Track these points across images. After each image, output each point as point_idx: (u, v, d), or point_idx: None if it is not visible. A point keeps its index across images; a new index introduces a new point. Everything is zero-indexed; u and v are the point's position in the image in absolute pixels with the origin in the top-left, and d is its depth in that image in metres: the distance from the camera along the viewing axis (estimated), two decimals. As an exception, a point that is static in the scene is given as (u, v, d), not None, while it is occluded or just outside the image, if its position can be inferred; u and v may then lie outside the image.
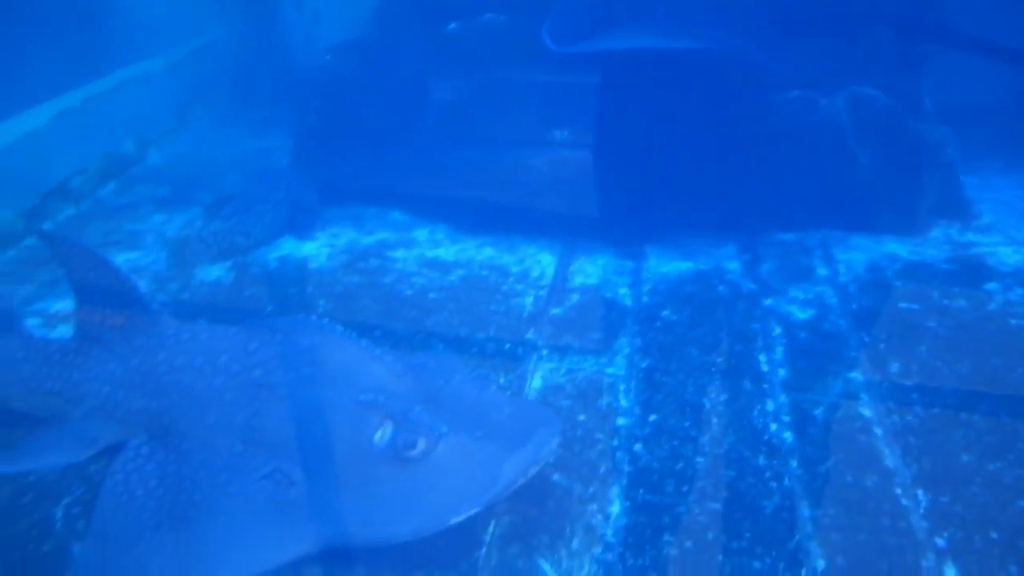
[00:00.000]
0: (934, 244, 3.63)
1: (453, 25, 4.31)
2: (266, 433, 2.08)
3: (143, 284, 3.22)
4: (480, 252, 3.67)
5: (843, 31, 3.95)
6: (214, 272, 3.40)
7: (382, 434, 2.03)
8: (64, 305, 3.15)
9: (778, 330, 3.04)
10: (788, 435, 2.49)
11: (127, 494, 2.05)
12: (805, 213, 3.82)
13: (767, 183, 3.81)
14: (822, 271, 3.47)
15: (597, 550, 2.07)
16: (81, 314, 2.41)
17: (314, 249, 3.62)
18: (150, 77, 4.58)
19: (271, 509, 1.99)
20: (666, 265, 3.55)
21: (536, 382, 2.76)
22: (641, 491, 2.27)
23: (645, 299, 3.28)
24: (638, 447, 2.44)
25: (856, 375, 2.74)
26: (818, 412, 2.58)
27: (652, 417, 2.57)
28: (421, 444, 2.01)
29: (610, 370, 2.82)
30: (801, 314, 3.14)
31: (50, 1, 3.83)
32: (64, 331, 2.87)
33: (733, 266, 3.52)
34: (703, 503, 2.21)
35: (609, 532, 2.12)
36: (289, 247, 3.61)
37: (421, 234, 3.81)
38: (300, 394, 2.12)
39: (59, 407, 2.38)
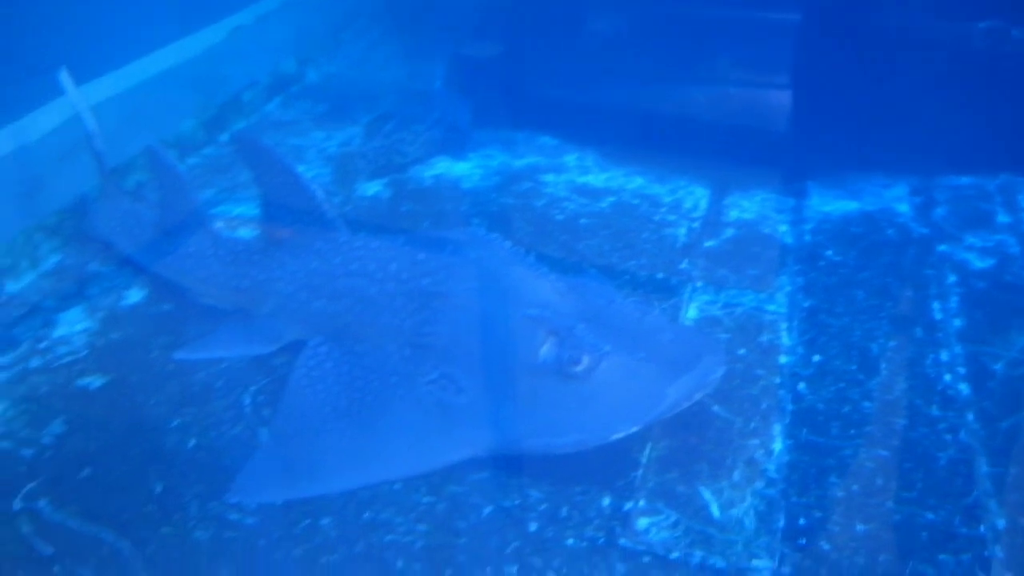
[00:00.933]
0: None
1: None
2: (434, 339, 2.13)
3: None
4: (630, 181, 3.59)
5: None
6: (373, 187, 3.48)
7: (547, 349, 2.04)
8: (243, 210, 3.31)
9: (953, 278, 2.85)
10: (964, 387, 2.34)
11: (309, 388, 2.16)
12: (985, 155, 3.53)
13: (944, 121, 3.54)
14: (1003, 218, 3.21)
15: (759, 484, 2.03)
16: (265, 216, 2.53)
17: (467, 169, 3.64)
18: (310, -2, 4.69)
19: (438, 412, 2.05)
20: (829, 204, 3.37)
21: (692, 312, 2.70)
22: (805, 431, 2.19)
23: (807, 238, 3.13)
24: (802, 386, 2.36)
25: (1043, 331, 2.54)
26: (998, 367, 2.41)
27: (816, 358, 2.47)
28: (585, 361, 2.01)
29: (770, 307, 2.72)
30: (979, 263, 2.93)
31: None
32: (243, 233, 3.02)
33: (903, 208, 3.31)
34: (871, 449, 2.12)
35: (772, 468, 2.07)
36: (443, 166, 3.65)
37: (570, 159, 3.77)
38: (468, 304, 2.15)
39: (245, 303, 2.53)
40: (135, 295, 2.83)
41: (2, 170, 2.82)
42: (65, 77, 2.84)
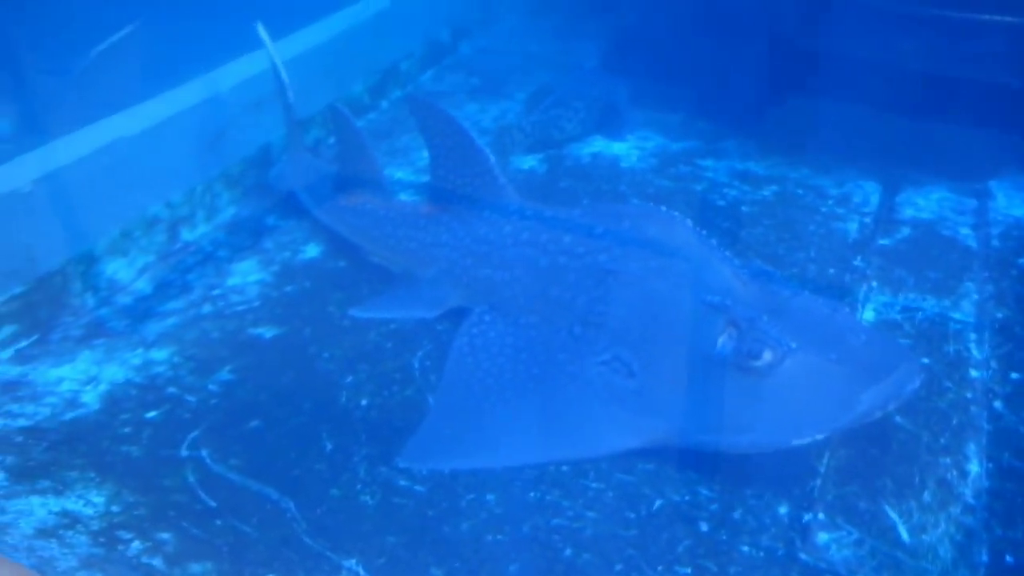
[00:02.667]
0: None
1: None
2: (608, 319, 2.05)
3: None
4: (794, 169, 3.40)
5: None
6: (529, 161, 3.42)
7: (726, 339, 1.93)
8: (404, 175, 3.32)
9: None
10: None
11: (472, 357, 2.13)
12: None
13: None
14: None
15: (955, 510, 1.86)
16: (435, 179, 2.51)
17: (624, 150, 3.53)
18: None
19: (608, 396, 1.98)
20: (1019, 208, 3.09)
21: (868, 314, 2.52)
22: (1007, 455, 2.00)
23: (995, 243, 2.88)
24: (998, 404, 2.16)
25: None
26: None
27: (1014, 375, 2.26)
28: (767, 356, 1.88)
29: (956, 315, 2.51)
30: None
31: None
32: (407, 196, 3.04)
33: (1109, 218, 2.99)
34: (1087, 482, 1.91)
35: (968, 492, 1.90)
36: (600, 145, 3.56)
37: (730, 145, 3.60)
38: (645, 285, 2.06)
39: (412, 265, 2.52)
40: (311, 250, 2.86)
41: (190, 120, 2.91)
42: (262, 29, 2.92)
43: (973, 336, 2.42)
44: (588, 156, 3.46)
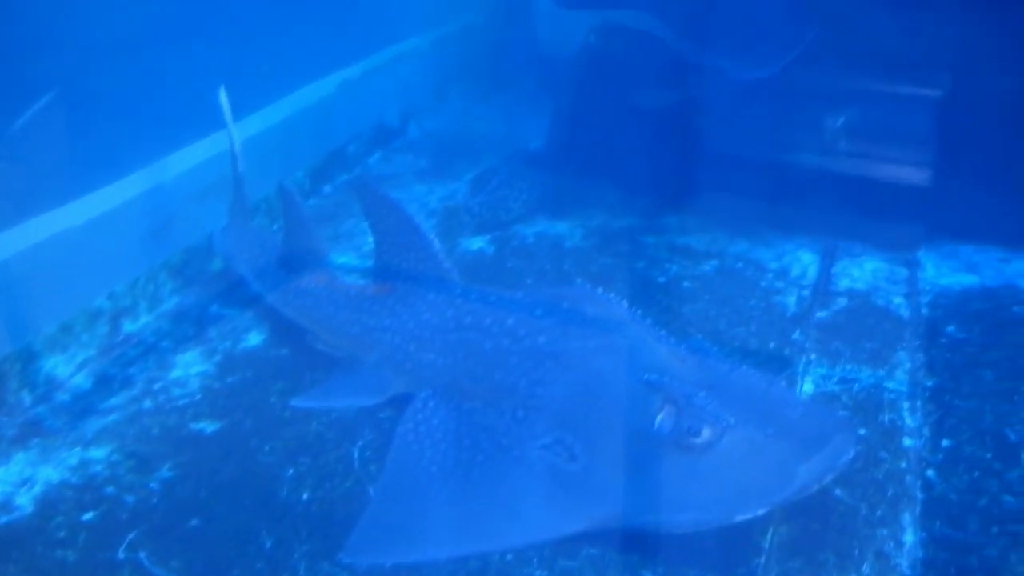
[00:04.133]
0: None
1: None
2: (549, 402, 2.08)
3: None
4: (733, 244, 3.51)
5: None
6: (476, 243, 3.49)
7: (665, 417, 1.96)
8: (347, 260, 3.36)
9: (1091, 362, 2.66)
10: (1116, 484, 2.15)
11: (415, 445, 2.12)
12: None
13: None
14: None
15: (893, 581, 1.88)
16: (380, 263, 2.54)
17: (567, 228, 3.62)
18: (416, 54, 4.80)
19: (551, 480, 1.98)
20: (946, 277, 3.22)
21: (807, 387, 2.58)
22: (938, 523, 2.04)
23: (925, 312, 2.99)
24: (931, 473, 2.21)
25: None
26: None
27: (945, 443, 2.32)
28: (706, 433, 1.92)
29: (890, 384, 2.58)
30: (1121, 347, 2.73)
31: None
32: (351, 281, 3.06)
33: (1028, 285, 3.13)
34: (1021, 551, 1.95)
35: (905, 563, 1.93)
36: (544, 224, 3.64)
37: (670, 221, 3.71)
38: (585, 366, 2.09)
39: (355, 350, 2.53)
40: (254, 338, 2.87)
41: (135, 211, 2.92)
42: (223, 95, 2.96)
43: (906, 405, 2.49)
44: (533, 236, 3.54)
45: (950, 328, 2.88)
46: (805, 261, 3.35)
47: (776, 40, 3.66)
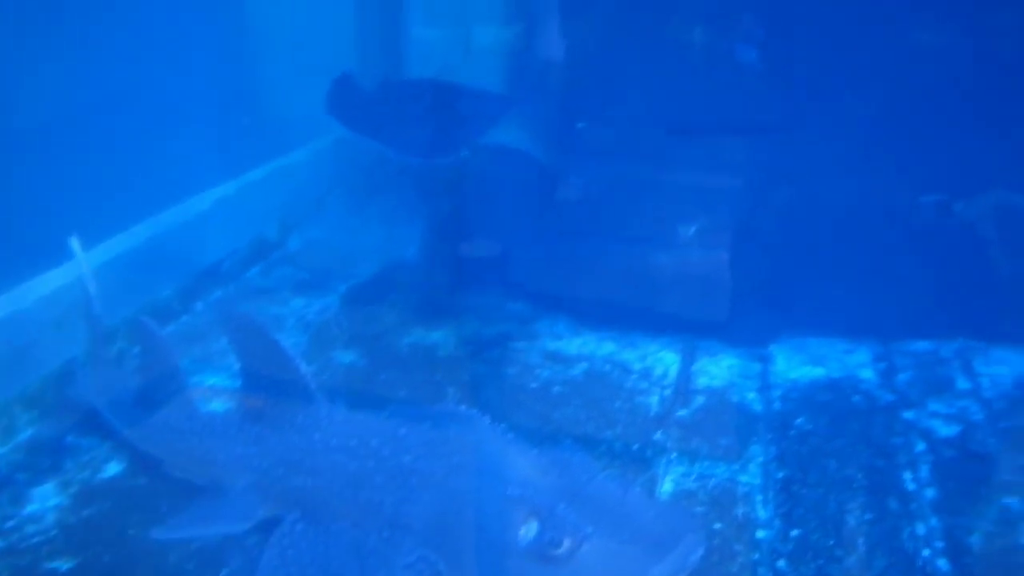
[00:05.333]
0: (1091, 362, 3.44)
1: (581, 124, 4.46)
2: (413, 520, 2.11)
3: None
4: (601, 347, 3.68)
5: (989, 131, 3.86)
6: (350, 356, 3.52)
7: (527, 530, 2.03)
8: (217, 380, 3.31)
9: (921, 446, 2.91)
10: (943, 563, 2.35)
11: (283, 570, 2.10)
12: (940, 321, 3.69)
13: (899, 288, 3.72)
14: (963, 384, 3.32)
15: (746, 673, 1.98)
16: (246, 389, 2.54)
17: (441, 337, 3.70)
18: (295, 167, 4.90)
19: (415, 601, 2.00)
20: (796, 370, 3.47)
21: (667, 486, 2.71)
22: (789, 612, 2.17)
23: (776, 405, 3.20)
24: (781, 563, 2.35)
25: (1013, 501, 2.58)
26: (974, 539, 2.44)
27: (794, 532, 2.48)
28: (566, 543, 1.99)
29: (744, 478, 2.74)
30: (945, 430, 3.00)
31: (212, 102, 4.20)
32: (217, 406, 3.02)
33: (867, 375, 3.41)
34: (857, 631, 2.10)
35: (757, 654, 2.03)
36: (418, 334, 3.71)
37: (542, 326, 3.86)
38: (448, 483, 2.15)
39: (220, 478, 2.49)
40: (112, 468, 2.77)
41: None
42: (75, 243, 2.93)
43: (759, 498, 2.65)
44: (407, 346, 3.60)
45: (799, 420, 3.09)
46: (667, 361, 3.54)
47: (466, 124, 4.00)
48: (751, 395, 3.28)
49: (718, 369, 3.48)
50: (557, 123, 4.42)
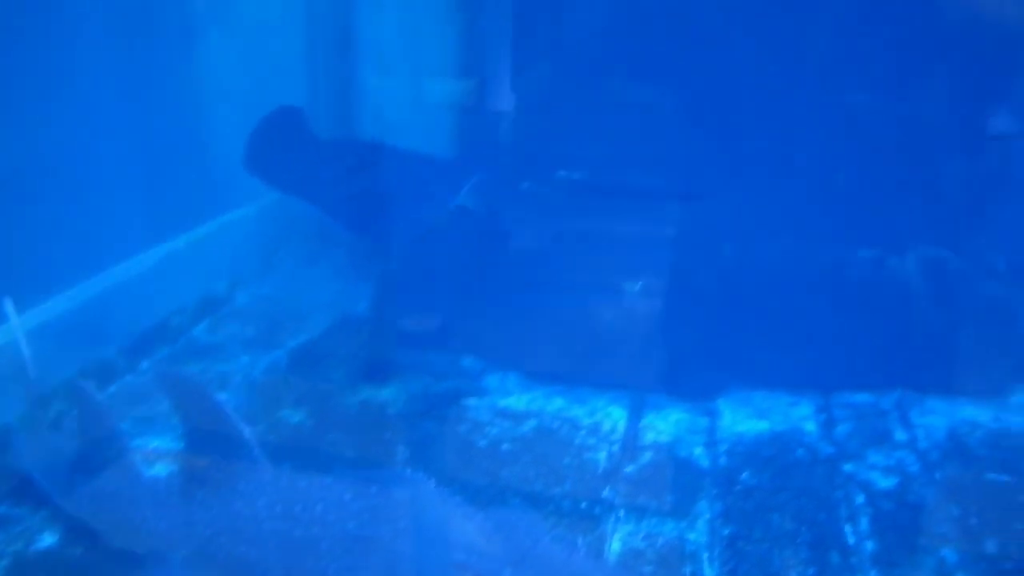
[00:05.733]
0: (1017, 410, 3.56)
1: (526, 184, 4.55)
2: (358, 590, 2.08)
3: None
4: (550, 402, 3.70)
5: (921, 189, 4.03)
6: (297, 415, 3.48)
7: (472, 598, 2.03)
8: (161, 443, 3.24)
9: (861, 498, 2.98)
10: (883, 616, 2.40)
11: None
12: (878, 373, 3.81)
13: (839, 340, 3.84)
14: (900, 435, 3.42)
15: None
16: (188, 454, 2.50)
17: (391, 395, 3.69)
18: (244, 222, 4.88)
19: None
20: (741, 424, 3.54)
21: (616, 545, 2.72)
22: (734, 673, 2.18)
23: (722, 460, 3.25)
24: (727, 622, 2.37)
25: (949, 552, 2.65)
26: (913, 592, 2.49)
27: (739, 589, 2.51)
28: (511, 611, 1.99)
29: (691, 536, 2.77)
30: (883, 482, 3.08)
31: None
32: (160, 469, 2.95)
33: (810, 427, 3.49)
34: None
35: None
36: (368, 392, 3.69)
37: (492, 381, 3.88)
38: (393, 549, 2.13)
39: (160, 547, 2.43)
40: (47, 539, 2.68)
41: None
42: (8, 304, 2.88)
43: (706, 555, 2.67)
44: (356, 405, 3.58)
45: (744, 475, 3.14)
46: (615, 416, 3.58)
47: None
48: (698, 450, 3.33)
49: (665, 424, 3.53)
50: (505, 180, 4.50)
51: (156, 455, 3.12)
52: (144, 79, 4.17)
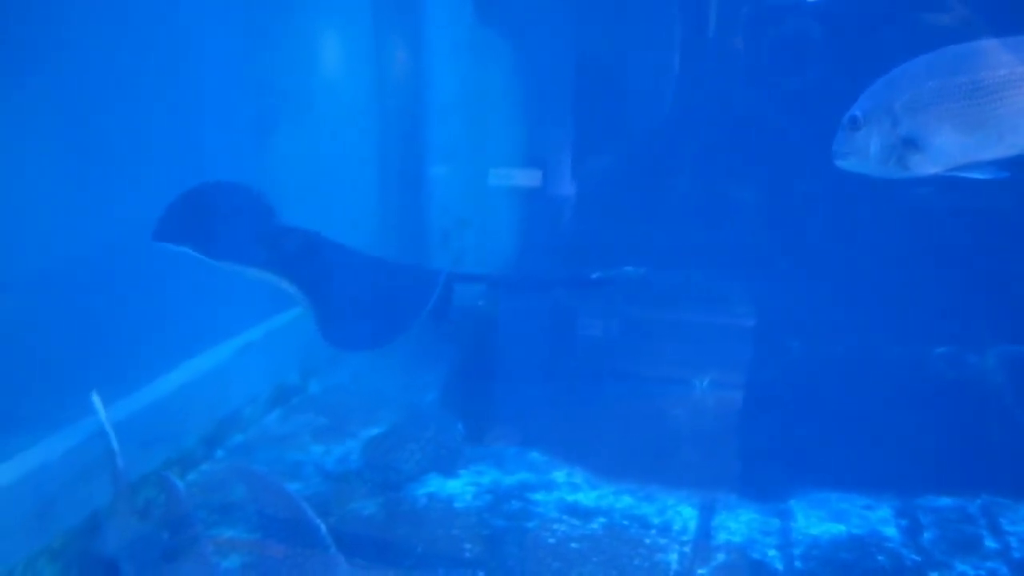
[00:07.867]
0: (1114, 520, 3.38)
1: (596, 274, 4.62)
2: None
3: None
4: (619, 500, 3.65)
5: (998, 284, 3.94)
6: (369, 507, 3.51)
7: None
8: (234, 533, 3.31)
9: (950, 610, 2.84)
10: None
11: None
12: (960, 476, 3.66)
13: (917, 442, 3.71)
14: (991, 543, 3.27)
15: None
16: (261, 546, 2.54)
17: (459, 487, 3.70)
18: (315, 312, 5.04)
19: None
20: (816, 526, 3.43)
21: (689, 653, 2.64)
22: None
23: (798, 564, 3.15)
24: None
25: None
26: None
27: None
28: None
29: (766, 645, 2.67)
30: (974, 593, 2.94)
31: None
32: (234, 561, 3.01)
33: (890, 532, 3.36)
34: None
35: None
36: (436, 484, 3.71)
37: (559, 476, 3.85)
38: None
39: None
40: (123, 627, 2.74)
41: (13, 495, 2.86)
42: (96, 399, 3.02)
43: (785, 667, 2.57)
44: (424, 497, 3.60)
45: (821, 580, 3.04)
46: (686, 515, 3.51)
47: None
48: (771, 552, 3.23)
49: (737, 524, 3.44)
50: (574, 269, 4.57)
51: (231, 546, 3.18)
52: (227, 168, 4.41)
